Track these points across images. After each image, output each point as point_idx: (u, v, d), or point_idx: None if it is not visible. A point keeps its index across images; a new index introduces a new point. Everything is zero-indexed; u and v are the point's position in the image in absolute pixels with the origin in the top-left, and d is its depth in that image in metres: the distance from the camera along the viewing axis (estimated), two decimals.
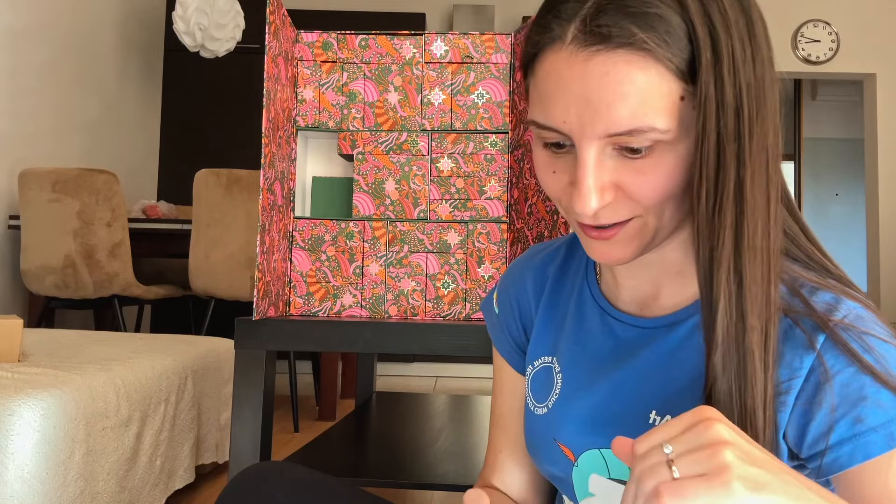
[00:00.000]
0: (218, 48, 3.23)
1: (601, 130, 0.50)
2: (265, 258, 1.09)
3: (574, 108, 0.51)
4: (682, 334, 0.60)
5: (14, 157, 2.92)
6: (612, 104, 0.49)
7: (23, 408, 1.20)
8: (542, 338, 0.71)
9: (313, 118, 1.29)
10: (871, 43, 4.46)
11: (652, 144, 0.51)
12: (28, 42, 3.01)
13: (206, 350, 1.93)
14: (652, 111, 0.49)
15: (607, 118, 0.50)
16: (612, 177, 0.52)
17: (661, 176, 0.52)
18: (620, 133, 0.50)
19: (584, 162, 0.52)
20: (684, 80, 0.50)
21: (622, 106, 0.49)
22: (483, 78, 1.28)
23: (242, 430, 1.07)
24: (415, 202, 1.27)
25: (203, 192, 2.56)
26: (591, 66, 0.50)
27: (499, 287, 0.79)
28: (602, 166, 0.52)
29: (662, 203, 0.53)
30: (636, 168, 0.52)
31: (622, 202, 0.53)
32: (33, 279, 2.58)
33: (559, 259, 0.73)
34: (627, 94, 0.49)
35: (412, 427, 1.67)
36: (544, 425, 0.67)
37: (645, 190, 0.52)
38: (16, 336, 1.49)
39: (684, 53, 0.50)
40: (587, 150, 0.52)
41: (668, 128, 0.50)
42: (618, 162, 0.52)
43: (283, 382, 3.54)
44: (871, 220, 4.46)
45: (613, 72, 0.49)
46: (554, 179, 0.56)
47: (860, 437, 0.50)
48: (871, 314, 0.54)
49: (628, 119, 0.49)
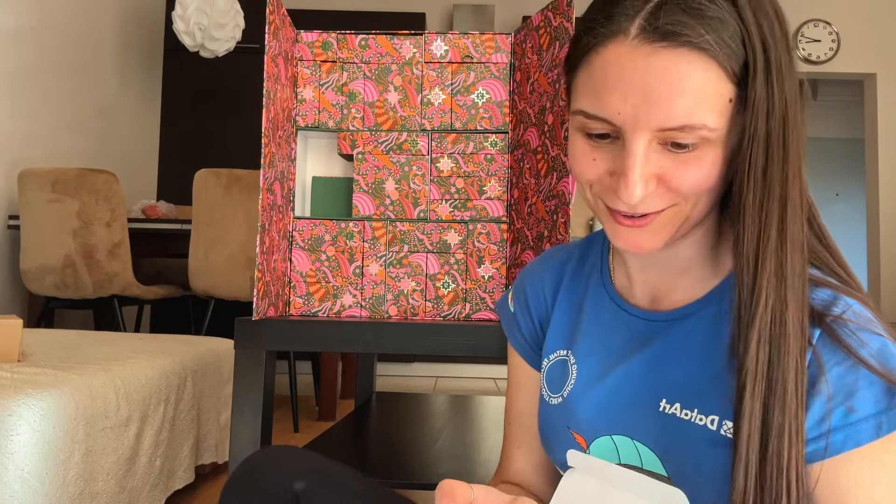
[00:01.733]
0: (218, 48, 3.23)
1: (655, 124, 0.53)
2: (265, 258, 1.09)
3: (631, 100, 0.53)
4: (690, 326, 0.62)
5: (14, 157, 2.92)
6: (671, 99, 0.52)
7: (22, 408, 1.20)
8: (558, 333, 0.74)
9: (313, 118, 1.29)
10: (871, 43, 4.46)
11: (698, 141, 0.54)
12: (28, 42, 3.01)
13: (206, 350, 1.93)
14: (706, 109, 0.52)
15: (664, 112, 0.52)
16: (656, 169, 0.55)
17: (702, 170, 0.55)
18: (673, 128, 0.53)
19: (634, 153, 0.54)
20: (735, 82, 0.53)
21: (679, 102, 0.52)
22: (483, 78, 1.28)
23: (242, 430, 1.06)
24: (415, 202, 1.27)
25: (203, 192, 2.56)
26: (654, 61, 0.52)
27: (515, 287, 0.82)
28: (648, 159, 0.55)
29: (701, 195, 0.56)
30: (680, 161, 0.55)
31: (662, 193, 0.56)
32: (33, 279, 2.58)
33: (574, 260, 0.77)
34: (686, 91, 0.52)
35: (412, 427, 1.67)
36: (559, 414, 0.70)
37: (687, 182, 0.55)
38: (15, 336, 1.49)
39: (738, 58, 0.53)
40: (638, 141, 0.54)
41: (717, 126, 0.53)
42: (662, 155, 0.55)
43: (283, 382, 3.54)
44: (872, 220, 4.46)
45: (675, 69, 0.52)
46: (593, 167, 0.58)
47: (852, 426, 0.52)
48: (869, 311, 0.56)
49: (683, 115, 0.52)
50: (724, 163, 0.55)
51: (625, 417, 0.63)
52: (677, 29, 0.51)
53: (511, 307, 0.81)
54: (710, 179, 0.55)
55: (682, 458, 0.58)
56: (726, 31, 0.52)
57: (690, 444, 0.58)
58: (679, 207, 0.57)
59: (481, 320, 1.23)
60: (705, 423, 0.57)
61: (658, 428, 0.61)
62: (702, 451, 0.57)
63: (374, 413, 1.86)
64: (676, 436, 0.59)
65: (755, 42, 0.53)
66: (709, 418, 0.57)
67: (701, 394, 0.59)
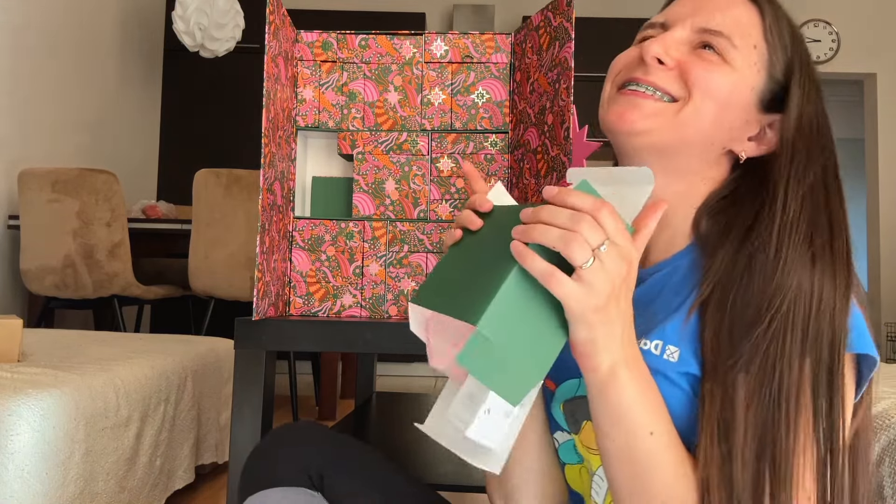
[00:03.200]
0: (218, 48, 3.23)
1: (698, 22, 0.66)
2: (265, 258, 1.09)
3: (690, 4, 0.68)
4: (659, 280, 0.68)
5: (14, 157, 2.92)
6: (714, 12, 0.66)
7: (22, 408, 1.20)
8: None
9: (313, 118, 1.29)
10: (871, 43, 4.46)
11: (722, 52, 0.65)
12: (28, 42, 3.01)
13: (206, 350, 1.93)
14: (737, 32, 0.65)
15: (707, 15, 0.66)
16: (680, 54, 0.66)
17: (713, 70, 0.64)
18: (708, 29, 0.65)
19: (671, 32, 0.67)
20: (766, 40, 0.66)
21: (722, 16, 0.66)
22: (483, 78, 1.28)
23: (242, 430, 1.06)
24: (415, 202, 1.27)
25: (203, 192, 2.56)
26: None
27: None
28: (680, 41, 0.66)
29: (703, 96, 0.64)
30: (703, 57, 0.65)
31: (675, 78, 0.65)
32: (33, 279, 2.58)
33: None
34: (728, 12, 0.66)
35: (412, 427, 1.67)
36: None
37: (698, 71, 0.65)
38: (16, 336, 1.49)
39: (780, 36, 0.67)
40: (678, 29, 0.67)
41: (737, 47, 0.65)
42: (690, 52, 0.66)
43: (283, 382, 3.53)
44: (872, 220, 4.46)
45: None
46: (631, 53, 0.70)
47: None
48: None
49: (720, 23, 0.65)
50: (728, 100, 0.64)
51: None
52: None
53: None
54: (718, 87, 0.64)
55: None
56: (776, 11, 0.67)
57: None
58: (680, 104, 0.65)
59: None
60: (649, 348, 0.62)
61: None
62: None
63: (374, 413, 1.86)
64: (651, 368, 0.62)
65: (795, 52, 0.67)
66: (653, 343, 0.62)
67: (648, 326, 0.64)
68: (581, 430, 0.68)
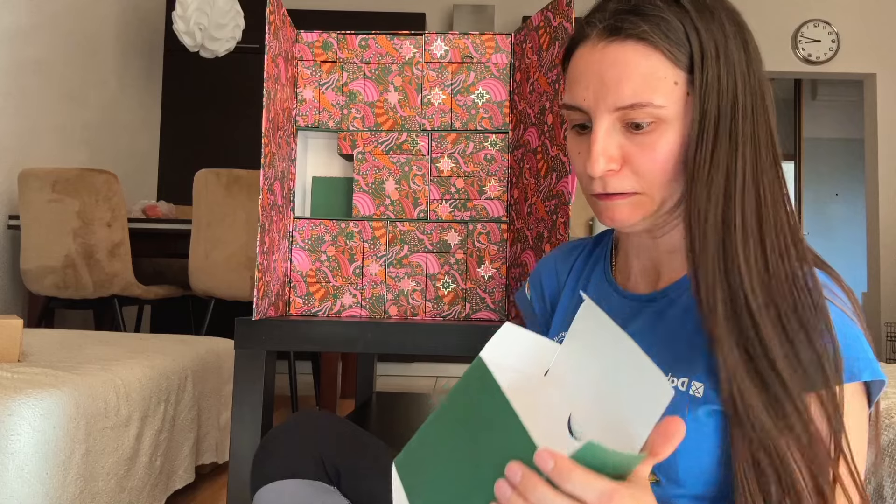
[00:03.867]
0: (218, 48, 3.23)
1: (611, 104, 0.62)
2: (265, 258, 1.09)
3: (592, 87, 0.64)
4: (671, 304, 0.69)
5: (14, 157, 2.92)
6: (620, 82, 0.62)
7: (23, 408, 1.20)
8: (563, 315, 0.80)
9: (313, 118, 1.29)
10: (871, 43, 4.46)
11: (652, 122, 0.62)
12: (28, 42, 3.01)
13: (206, 350, 1.93)
14: (650, 90, 0.61)
15: (616, 93, 0.62)
16: (619, 150, 0.64)
17: (660, 153, 0.62)
18: (625, 106, 0.62)
19: (596, 130, 0.64)
20: (683, 69, 0.62)
21: (627, 84, 0.62)
22: (483, 78, 1.28)
23: (242, 430, 1.07)
24: (415, 202, 1.27)
25: (203, 191, 2.56)
26: (607, 53, 0.63)
27: (532, 276, 0.89)
28: (610, 137, 0.63)
29: (661, 181, 0.63)
30: (639, 143, 0.63)
31: (627, 175, 0.64)
32: (33, 279, 2.58)
33: (585, 251, 0.84)
34: (632, 74, 0.62)
35: (412, 427, 1.67)
36: None
37: (646, 164, 0.63)
38: (16, 336, 1.49)
39: (683, 48, 0.62)
40: (599, 121, 0.63)
41: (664, 104, 0.62)
42: (624, 138, 0.63)
43: (283, 382, 3.53)
44: (872, 220, 4.46)
45: (623, 57, 0.62)
46: (577, 160, 0.68)
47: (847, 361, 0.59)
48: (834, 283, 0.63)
49: (631, 94, 0.61)
50: (682, 151, 0.62)
51: None
52: (624, 25, 0.62)
53: (528, 295, 0.88)
54: (667, 164, 0.63)
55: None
56: (668, 26, 0.62)
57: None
58: (644, 197, 0.64)
59: (481, 320, 1.23)
60: (676, 385, 0.63)
61: None
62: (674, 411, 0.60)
63: (374, 413, 1.86)
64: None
65: (695, 35, 0.62)
66: (679, 381, 0.63)
67: (672, 361, 0.64)
68: None
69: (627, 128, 0.63)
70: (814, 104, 6.72)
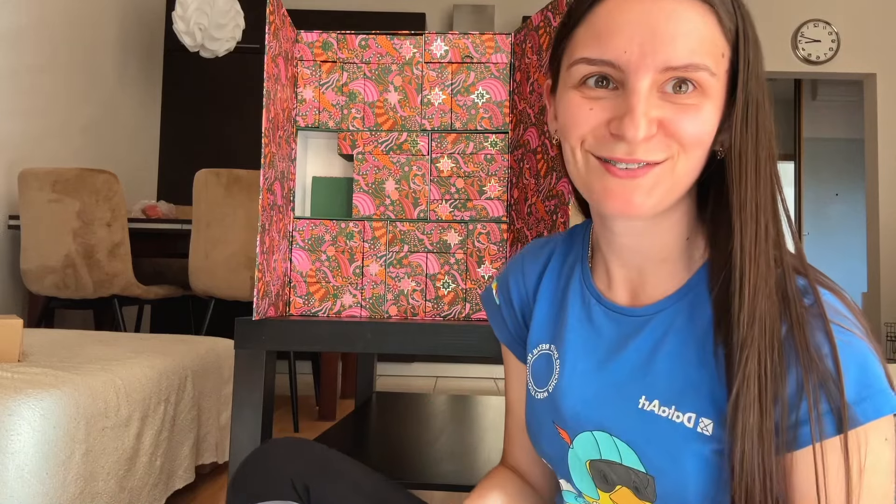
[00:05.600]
0: (218, 48, 3.23)
1: (661, 62, 0.55)
2: (265, 258, 1.09)
3: (638, 39, 0.55)
4: (666, 321, 0.62)
5: (14, 157, 2.92)
6: (676, 38, 0.54)
7: (23, 408, 1.20)
8: (541, 326, 0.74)
9: (313, 118, 1.29)
10: (871, 43, 4.46)
11: (695, 90, 0.56)
12: (28, 42, 3.01)
13: (206, 350, 1.93)
14: (707, 53, 0.55)
15: (670, 50, 0.54)
16: (658, 113, 0.56)
17: (700, 119, 0.56)
18: (678, 66, 0.55)
19: (639, 91, 0.55)
20: (730, 43, 0.57)
21: (684, 42, 0.54)
22: (483, 78, 1.28)
23: (242, 430, 1.07)
24: (415, 202, 1.27)
25: (203, 192, 2.56)
26: (661, 5, 0.55)
27: (499, 279, 0.81)
28: (649, 99, 0.56)
29: (694, 147, 0.57)
30: (679, 107, 0.56)
31: (661, 140, 0.57)
32: (33, 279, 2.58)
33: (556, 253, 0.76)
34: (690, 32, 0.55)
35: (412, 427, 1.67)
36: (544, 409, 0.70)
37: (687, 126, 0.56)
38: (16, 336, 1.49)
39: (732, 19, 0.57)
40: (643, 79, 0.55)
41: (717, 72, 0.56)
42: (663, 101, 0.56)
43: (283, 382, 3.53)
44: (872, 220, 4.46)
45: (682, 10, 0.55)
46: (589, 116, 0.58)
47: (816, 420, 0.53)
48: (840, 302, 0.57)
49: (688, 54, 0.55)
50: (715, 121, 0.57)
51: (605, 414, 0.64)
52: None
53: (496, 299, 0.81)
54: (704, 130, 0.56)
55: (660, 454, 0.59)
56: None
57: (669, 442, 0.59)
58: (672, 162, 0.57)
59: (481, 320, 1.23)
60: (682, 421, 0.58)
61: (637, 425, 0.61)
62: (680, 447, 0.58)
63: (374, 413, 1.86)
64: (655, 433, 0.60)
65: (740, 9, 0.57)
66: (686, 416, 0.58)
67: (679, 391, 0.60)
68: (615, 492, 0.64)
69: (665, 95, 0.56)
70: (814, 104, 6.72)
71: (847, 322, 0.55)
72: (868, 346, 0.55)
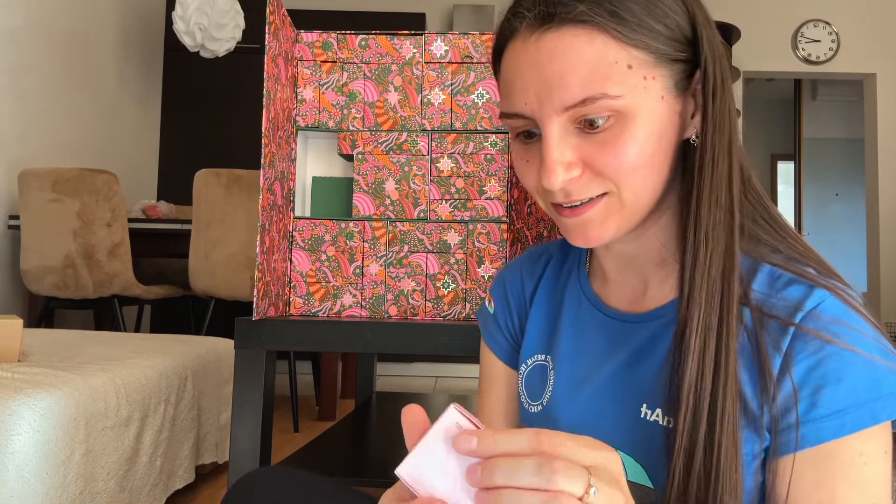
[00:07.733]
0: (218, 48, 3.23)
1: (558, 104, 0.53)
2: (265, 258, 1.09)
3: (532, 88, 0.54)
4: (664, 327, 0.60)
5: (14, 157, 2.92)
6: (564, 76, 0.52)
7: (23, 408, 1.20)
8: (535, 336, 0.72)
9: (313, 118, 1.29)
10: (871, 43, 4.46)
11: (609, 116, 0.53)
12: (28, 42, 3.01)
13: (206, 350, 1.93)
14: (603, 78, 0.52)
15: (561, 91, 0.52)
16: (577, 153, 0.54)
17: (623, 147, 0.53)
18: (575, 104, 0.52)
19: (548, 138, 0.54)
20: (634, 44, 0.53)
21: (573, 77, 0.52)
22: (483, 78, 1.28)
23: (242, 431, 1.07)
24: (415, 202, 1.27)
25: (203, 192, 2.56)
26: (542, 45, 0.53)
27: (493, 290, 0.80)
28: (565, 142, 0.54)
29: (630, 175, 0.54)
30: (598, 141, 0.54)
31: (590, 178, 0.55)
32: (33, 279, 2.58)
33: (553, 260, 0.75)
34: (577, 65, 0.52)
35: None
36: (540, 423, 0.67)
37: (610, 162, 0.54)
38: (16, 336, 1.49)
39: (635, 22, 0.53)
40: (549, 126, 0.54)
41: (620, 93, 0.52)
42: (581, 139, 0.54)
43: (283, 382, 3.53)
44: (871, 219, 4.46)
45: (561, 46, 0.53)
46: (528, 169, 0.58)
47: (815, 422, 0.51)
48: (843, 303, 0.54)
49: (579, 90, 0.52)
50: (649, 137, 0.54)
51: (606, 428, 0.61)
52: (556, 9, 0.53)
53: (490, 309, 0.79)
54: (633, 156, 0.53)
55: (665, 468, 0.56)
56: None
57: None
58: (615, 196, 0.55)
59: None
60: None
61: (640, 437, 0.59)
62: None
63: (374, 413, 1.86)
64: (659, 445, 0.57)
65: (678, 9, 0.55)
66: None
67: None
68: None
69: (582, 128, 0.54)
70: (814, 104, 6.72)
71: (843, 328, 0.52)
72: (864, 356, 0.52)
